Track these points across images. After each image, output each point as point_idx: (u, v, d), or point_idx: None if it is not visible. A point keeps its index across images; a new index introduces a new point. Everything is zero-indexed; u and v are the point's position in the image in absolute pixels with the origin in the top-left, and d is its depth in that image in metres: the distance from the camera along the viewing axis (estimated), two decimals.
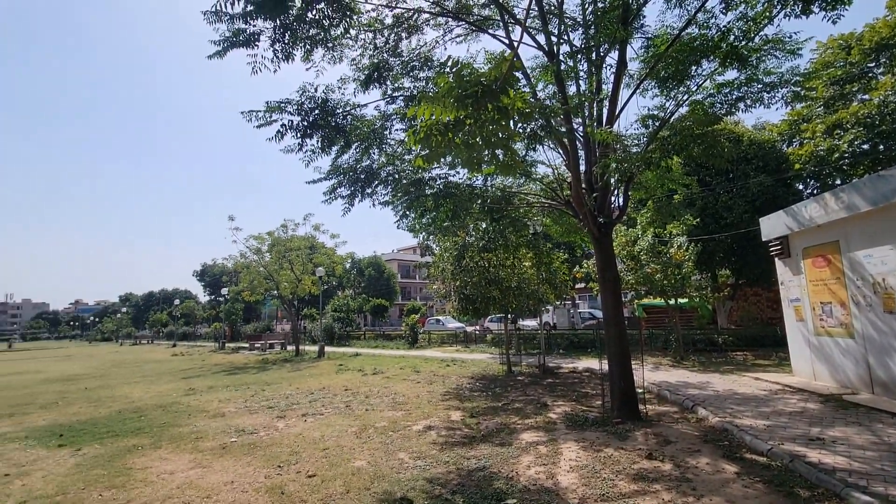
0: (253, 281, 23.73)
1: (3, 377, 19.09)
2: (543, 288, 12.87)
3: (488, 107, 3.23)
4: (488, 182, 8.00)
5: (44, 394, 13.21)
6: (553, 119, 5.31)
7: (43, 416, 9.66)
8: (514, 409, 8.52)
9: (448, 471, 5.34)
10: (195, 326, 53.06)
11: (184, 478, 5.42)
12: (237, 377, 15.31)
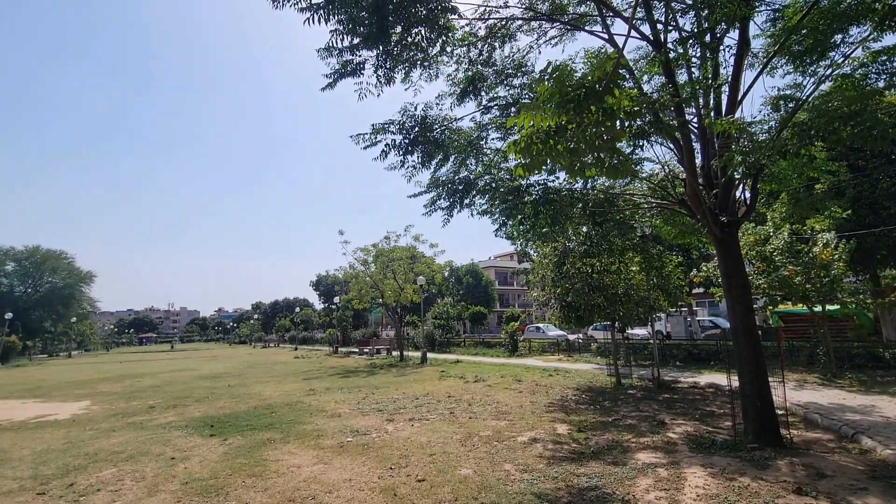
0: (361, 290, 25.49)
1: (167, 374, 22.80)
2: (654, 294, 11.89)
3: (591, 109, 3.09)
4: (589, 185, 7.65)
5: (197, 389, 15.48)
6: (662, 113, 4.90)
7: (198, 409, 11.31)
8: (626, 425, 7.95)
9: (557, 487, 5.15)
10: (312, 331, 58.44)
11: (309, 472, 5.94)
12: (349, 380, 16.47)
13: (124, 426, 9.46)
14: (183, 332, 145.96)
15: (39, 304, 49.17)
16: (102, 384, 18.51)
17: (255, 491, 5.29)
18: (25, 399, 14.74)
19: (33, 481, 5.97)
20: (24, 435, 9.02)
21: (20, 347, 42.72)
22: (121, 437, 8.38)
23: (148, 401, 13.06)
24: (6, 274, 49.56)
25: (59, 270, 51.63)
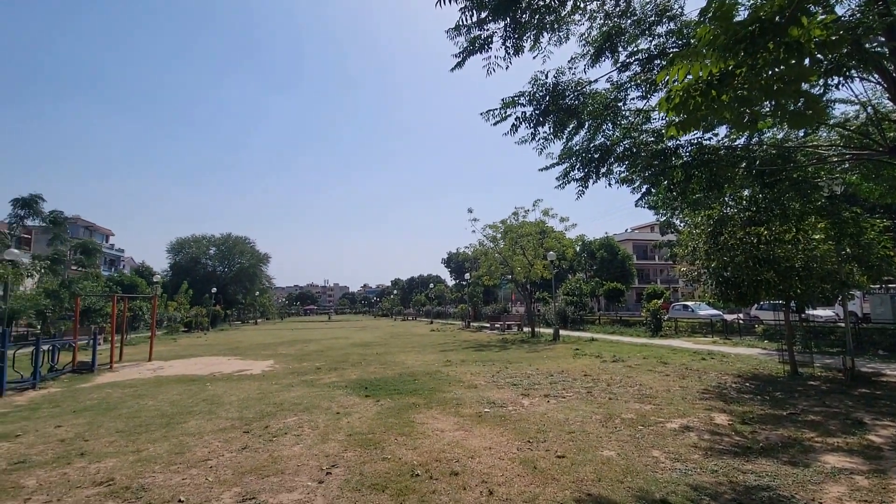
0: (490, 266, 25.91)
1: (327, 341, 26.28)
2: (847, 268, 9.71)
3: (769, 47, 2.56)
4: (755, 140, 6.47)
5: (352, 355, 17.57)
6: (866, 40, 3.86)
7: (354, 372, 12.85)
8: (807, 421, 6.77)
9: (717, 481, 4.64)
10: (445, 306, 61.65)
11: (452, 437, 6.32)
12: (483, 353, 17.02)
13: (299, 383, 11.22)
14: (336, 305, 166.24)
15: (233, 281, 60.63)
16: (280, 347, 22.19)
17: (406, 448, 5.84)
18: (229, 356, 18.44)
19: (240, 421, 7.47)
20: (230, 385, 11.31)
21: (223, 315, 53.45)
22: (298, 392, 9.96)
23: (314, 363, 15.26)
24: (210, 257, 62.03)
25: (245, 253, 62.80)
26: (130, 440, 6.50)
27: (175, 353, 20.46)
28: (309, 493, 4.52)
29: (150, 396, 9.88)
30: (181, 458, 5.67)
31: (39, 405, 9.24)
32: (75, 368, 14.32)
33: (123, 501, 4.39)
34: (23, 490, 4.74)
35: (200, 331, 40.29)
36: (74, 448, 6.18)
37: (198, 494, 4.52)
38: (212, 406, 8.68)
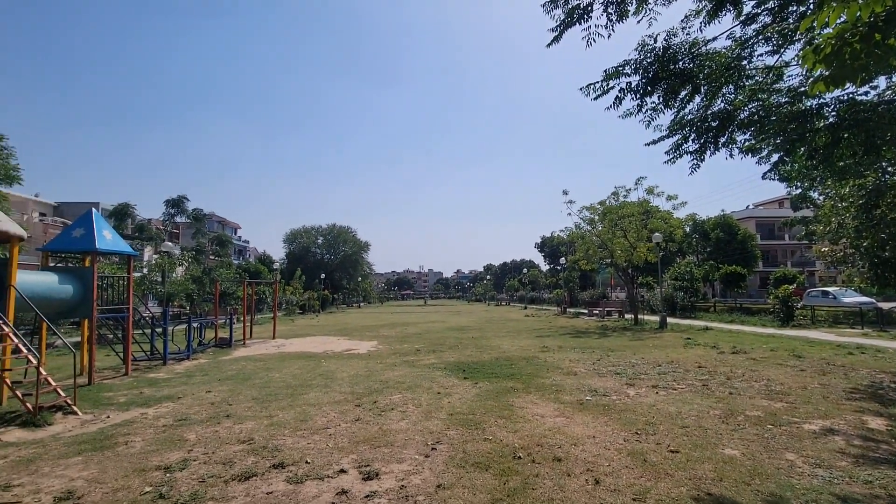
0: (587, 250, 24.75)
1: (424, 324, 27.34)
2: None
3: None
4: None
5: (448, 338, 18.10)
6: None
7: (451, 355, 13.23)
8: None
9: (873, 494, 3.99)
10: (539, 292, 60.50)
11: (552, 423, 6.24)
12: (581, 340, 16.44)
13: (401, 363, 11.86)
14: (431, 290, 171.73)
15: (338, 268, 65.73)
16: (382, 329, 23.62)
17: (506, 431, 5.89)
18: (338, 336, 20.09)
19: (351, 396, 8.13)
20: (341, 362, 12.33)
21: (331, 299, 58.35)
22: (401, 371, 10.54)
23: (414, 345, 16.00)
24: (318, 246, 67.81)
25: (348, 241, 67.59)
26: (263, 407, 7.42)
27: (293, 332, 22.84)
28: (417, 465, 4.78)
29: (276, 370, 11.17)
30: (305, 424, 6.34)
31: (193, 373, 10.95)
32: (217, 343, 16.69)
33: (262, 458, 5.04)
34: (186, 442, 5.68)
35: (313, 313, 44.43)
36: (221, 410, 7.23)
37: (321, 458, 5.03)
38: (327, 381, 9.56)
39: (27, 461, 5.12)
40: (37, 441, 5.87)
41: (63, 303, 9.27)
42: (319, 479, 4.44)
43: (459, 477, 4.46)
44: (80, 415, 7.08)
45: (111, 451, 5.40)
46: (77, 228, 10.01)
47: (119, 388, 9.23)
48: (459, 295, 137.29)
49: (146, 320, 14.53)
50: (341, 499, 4.03)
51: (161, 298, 27.09)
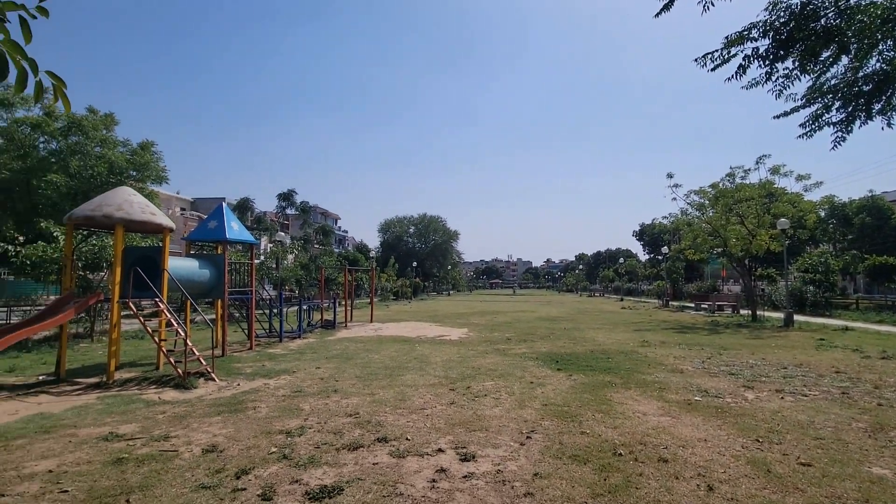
0: (696, 238, 22.54)
1: (514, 313, 27.15)
2: None
3: None
4: None
5: (539, 329, 17.79)
6: None
7: (543, 345, 13.00)
8: None
9: None
10: (637, 283, 56.74)
11: (656, 422, 5.85)
12: (687, 336, 15.15)
13: (492, 351, 11.94)
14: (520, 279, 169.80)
15: (429, 256, 67.78)
16: (472, 317, 23.93)
17: (605, 426, 5.66)
18: (430, 323, 20.77)
19: (445, 380, 8.38)
20: (434, 347, 12.75)
21: (422, 287, 60.51)
22: (492, 359, 10.62)
23: (504, 334, 15.99)
24: (410, 235, 70.47)
25: (439, 230, 69.31)
26: (365, 384, 7.97)
27: (388, 317, 24.10)
28: (512, 452, 4.81)
29: (375, 351, 11.91)
30: (404, 404, 6.69)
31: (304, 351, 12.09)
32: (323, 325, 18.22)
33: (367, 431, 5.43)
34: (301, 412, 6.31)
35: (405, 300, 46.45)
36: (330, 385, 7.90)
37: (420, 436, 5.28)
38: (422, 364, 9.96)
39: (180, 417, 6.07)
40: (186, 401, 6.93)
41: (202, 285, 10.76)
42: (419, 456, 4.66)
43: (556, 468, 4.39)
44: (217, 381, 8.21)
45: (242, 414, 6.19)
46: (211, 220, 11.53)
47: (245, 361, 10.51)
48: (549, 285, 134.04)
49: (265, 302, 16.32)
50: (440, 476, 4.19)
51: (275, 283, 30.22)
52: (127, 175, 17.98)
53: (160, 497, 3.75)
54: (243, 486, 3.95)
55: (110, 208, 8.33)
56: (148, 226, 8.95)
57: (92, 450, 4.82)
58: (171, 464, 4.45)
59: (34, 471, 4.28)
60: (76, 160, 16.97)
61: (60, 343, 8.79)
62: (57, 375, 8.50)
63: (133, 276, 8.68)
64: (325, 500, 3.70)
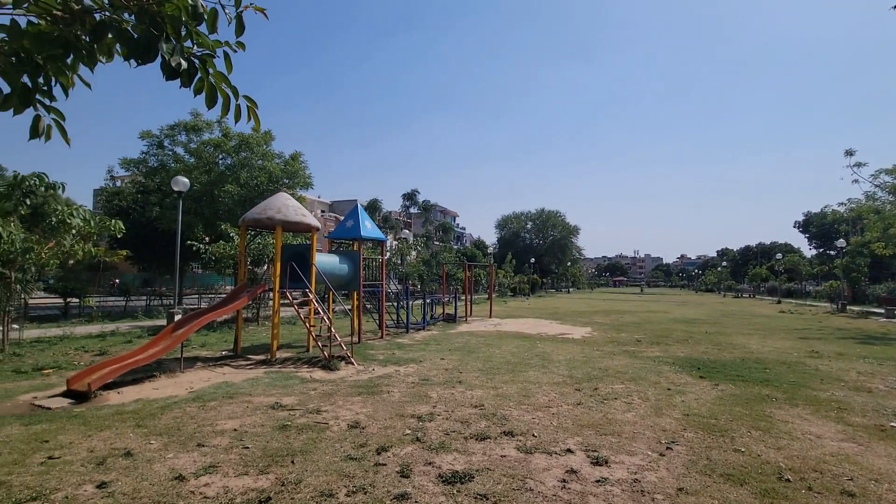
0: (887, 229, 18.26)
1: (643, 314, 25.07)
2: None
3: None
4: None
5: (675, 331, 16.15)
6: None
7: (680, 349, 11.78)
8: None
9: None
10: (801, 283, 48.11)
11: (836, 447, 4.90)
12: (874, 348, 12.39)
13: (620, 352, 11.18)
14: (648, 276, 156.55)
15: (547, 252, 66.11)
16: (595, 316, 22.72)
17: (764, 445, 4.91)
18: (550, 320, 20.25)
19: (570, 379, 8.09)
20: (556, 345, 12.40)
21: (539, 283, 59.36)
22: (620, 361, 9.95)
23: (633, 335, 14.86)
24: (527, 230, 69.53)
25: (557, 226, 67.21)
26: (488, 378, 8.08)
27: (506, 313, 24.12)
28: (651, 462, 4.44)
29: (495, 346, 12.01)
30: (528, 400, 6.63)
31: (428, 342, 12.72)
32: (444, 318, 18.97)
33: (493, 424, 5.50)
34: (430, 399, 6.64)
35: (523, 296, 46.03)
36: (454, 377, 8.19)
37: (546, 434, 5.18)
38: (544, 361, 9.77)
39: (328, 394, 6.85)
40: (332, 381, 7.79)
41: (341, 278, 11.99)
42: (547, 454, 4.58)
43: (705, 485, 3.94)
44: (356, 365, 9.07)
45: (378, 396, 6.74)
46: (348, 220, 12.77)
47: (377, 348, 11.44)
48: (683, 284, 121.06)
49: (393, 295, 17.56)
50: (571, 477, 4.06)
51: (400, 277, 32.34)
52: (281, 183, 20.83)
53: (317, 462, 4.27)
54: (384, 461, 4.30)
55: (272, 211, 9.73)
56: (300, 226, 10.26)
57: (263, 415, 5.70)
58: (324, 434, 5.04)
59: (224, 428, 5.21)
60: (245, 172, 20.20)
61: (236, 325, 10.57)
62: (234, 352, 10.22)
63: (291, 271, 10.03)
64: (458, 485, 3.84)
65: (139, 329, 14.17)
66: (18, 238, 9.09)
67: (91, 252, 10.74)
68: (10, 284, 9.91)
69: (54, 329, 13.68)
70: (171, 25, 1.73)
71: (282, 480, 3.87)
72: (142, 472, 4.00)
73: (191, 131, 21.08)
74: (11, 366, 8.45)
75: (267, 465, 4.18)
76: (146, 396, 6.56)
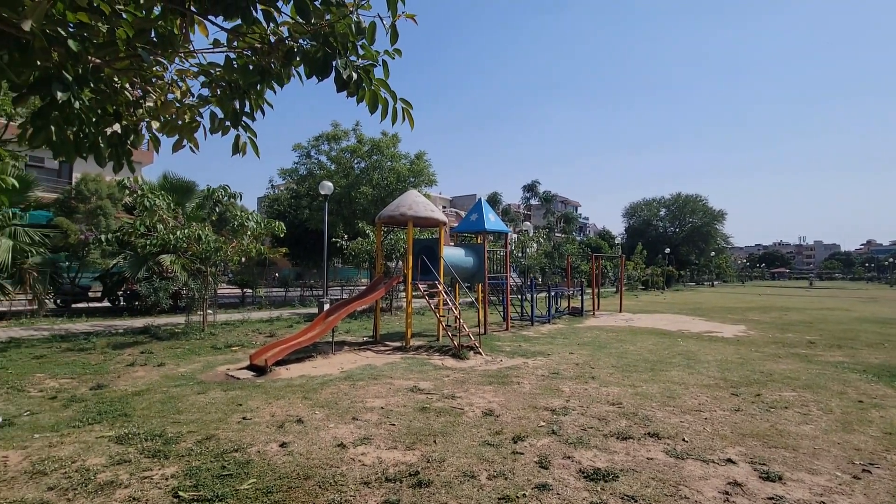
0: None
1: (815, 311, 21.13)
2: None
3: None
4: None
5: (862, 332, 13.31)
6: None
7: (872, 355, 9.67)
8: None
9: None
10: None
11: None
12: None
13: (787, 355, 9.58)
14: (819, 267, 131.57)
15: (685, 241, 59.52)
16: (750, 313, 19.81)
17: None
18: (692, 316, 18.23)
19: (724, 382, 7.18)
20: (702, 344, 11.12)
21: (676, 276, 53.68)
22: (788, 365, 8.53)
23: (803, 335, 12.62)
24: (660, 218, 63.41)
25: (697, 211, 60.03)
26: (624, 375, 7.59)
27: (639, 307, 22.37)
28: (842, 484, 3.74)
29: (629, 342, 11.23)
30: (673, 402, 6.07)
31: (555, 336, 12.42)
32: (570, 312, 18.33)
33: (634, 423, 5.16)
34: (562, 393, 6.49)
35: (656, 290, 42.19)
36: (586, 371, 7.87)
37: (699, 440, 4.69)
38: (689, 361, 8.84)
39: (460, 382, 7.13)
40: (462, 369, 8.08)
41: (467, 270, 12.34)
42: (703, 462, 4.14)
43: None
44: (484, 356, 9.28)
45: (509, 387, 6.80)
46: (473, 214, 13.08)
47: (503, 340, 11.53)
48: (871, 276, 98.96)
49: (517, 287, 17.53)
50: (735, 490, 3.61)
51: (522, 270, 32.09)
52: (408, 182, 22.18)
53: (456, 444, 4.48)
54: (520, 450, 4.34)
55: (404, 208, 10.43)
56: (429, 221, 10.81)
57: (404, 397, 6.17)
58: (460, 419, 5.26)
59: (372, 405, 5.77)
60: (376, 174, 21.98)
61: (375, 314, 11.59)
62: (374, 338, 11.23)
63: (421, 264, 10.65)
64: (601, 482, 3.70)
65: (297, 316, 16.39)
66: (212, 239, 11.17)
67: (261, 250, 12.73)
68: (206, 277, 12.25)
69: (236, 314, 16.55)
70: (342, 43, 1.95)
71: (427, 457, 4.15)
72: (311, 437, 4.63)
73: (331, 140, 23.61)
74: (210, 342, 10.45)
75: (412, 442, 4.51)
76: (308, 373, 7.57)
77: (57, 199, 19.00)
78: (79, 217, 17.61)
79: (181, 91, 2.27)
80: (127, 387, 6.49)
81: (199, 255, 11.32)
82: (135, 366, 7.84)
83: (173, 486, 3.53)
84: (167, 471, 3.80)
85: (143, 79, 2.13)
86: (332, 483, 3.63)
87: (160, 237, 10.67)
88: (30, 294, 13.43)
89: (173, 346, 9.80)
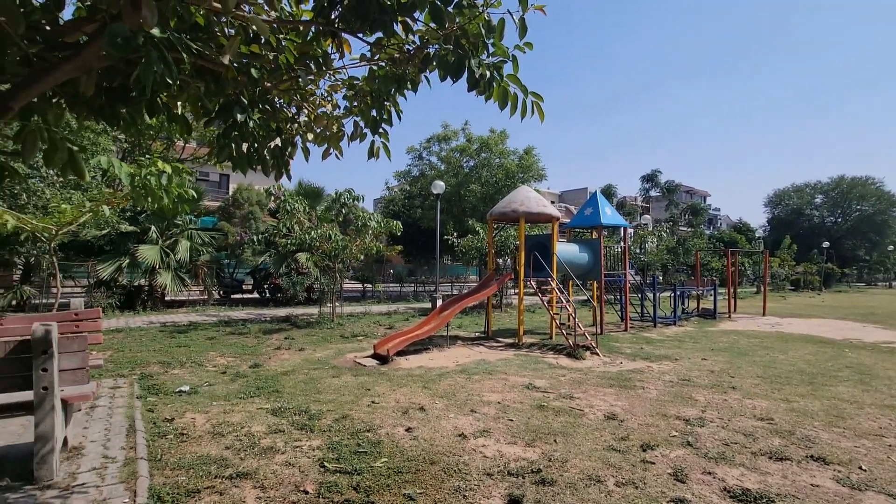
0: None
1: None
2: None
3: None
4: None
5: None
6: None
7: None
8: None
9: None
10: None
11: None
12: None
13: None
14: None
15: (849, 233, 49.79)
16: None
17: None
18: (863, 323, 15.20)
19: None
20: (879, 356, 9.22)
21: (838, 275, 45.10)
22: None
23: None
24: (816, 206, 53.87)
25: (867, 197, 49.78)
26: (774, 388, 6.62)
27: (788, 310, 19.32)
28: None
29: (778, 350, 9.77)
30: (842, 422, 5.14)
31: (683, 339, 11.31)
32: (700, 313, 16.53)
33: (790, 444, 4.48)
34: (696, 402, 5.88)
35: (810, 290, 36.01)
36: (724, 380, 7.03)
37: (882, 471, 3.90)
38: (861, 376, 7.40)
39: (578, 382, 6.87)
40: (578, 369, 7.78)
41: (581, 267, 11.83)
42: (889, 497, 3.44)
43: None
44: (601, 357, 8.82)
45: (632, 391, 6.37)
46: (587, 208, 12.50)
47: (622, 341, 10.83)
48: None
49: (637, 285, 16.33)
50: None
51: (641, 267, 29.77)
52: (517, 178, 21.99)
53: (579, 446, 4.34)
54: (651, 460, 4.04)
55: (515, 204, 10.36)
56: (541, 216, 10.61)
57: (520, 394, 6.14)
58: (581, 420, 5.08)
59: (489, 399, 5.85)
60: (485, 172, 22.18)
61: (486, 310, 11.72)
62: (486, 334, 11.36)
63: (533, 260, 10.50)
64: None
65: (412, 310, 17.30)
66: (339, 238, 12.32)
67: (380, 248, 13.69)
68: (335, 273, 13.55)
69: (358, 307, 18.04)
70: (473, 43, 2.00)
71: (548, 456, 4.08)
72: (433, 425, 4.86)
73: (441, 141, 24.40)
74: (339, 332, 11.54)
75: (532, 440, 4.48)
76: (425, 365, 7.95)
77: (219, 207, 22.57)
78: (235, 221, 20.71)
79: (332, 104, 2.55)
80: (276, 367, 7.47)
81: (328, 252, 12.56)
82: (281, 349, 8.99)
83: (319, 456, 3.98)
84: (313, 443, 4.29)
85: (302, 97, 2.43)
86: (457, 471, 3.76)
87: (297, 237, 12.08)
88: (201, 286, 16.18)
89: (309, 333, 11.02)
